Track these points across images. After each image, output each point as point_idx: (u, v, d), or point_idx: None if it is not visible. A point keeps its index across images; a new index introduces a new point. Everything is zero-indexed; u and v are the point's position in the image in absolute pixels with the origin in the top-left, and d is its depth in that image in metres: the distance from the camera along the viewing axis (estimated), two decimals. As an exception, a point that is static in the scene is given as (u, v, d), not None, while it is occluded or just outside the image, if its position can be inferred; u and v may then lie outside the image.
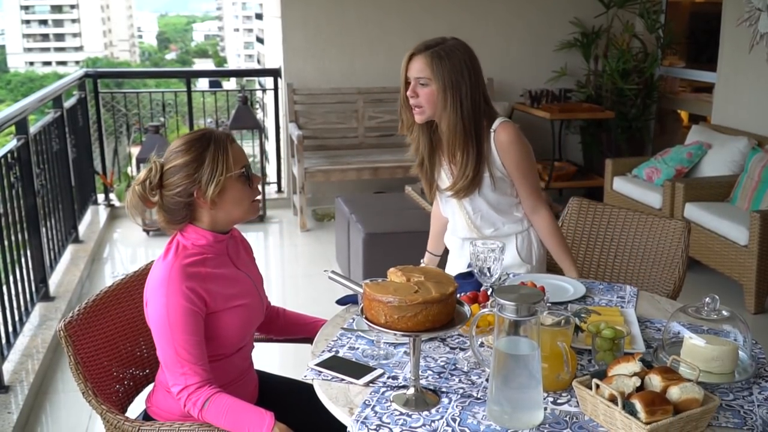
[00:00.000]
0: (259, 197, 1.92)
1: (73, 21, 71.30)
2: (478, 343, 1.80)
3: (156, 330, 1.73)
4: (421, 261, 2.63)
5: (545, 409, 1.52)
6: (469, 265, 1.99)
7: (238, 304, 1.82)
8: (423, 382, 1.64)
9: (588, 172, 6.27)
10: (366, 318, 1.51)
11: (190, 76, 6.47)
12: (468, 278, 2.14)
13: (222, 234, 1.82)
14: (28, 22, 70.24)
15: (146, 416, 1.90)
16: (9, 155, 3.50)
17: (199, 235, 1.79)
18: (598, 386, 1.46)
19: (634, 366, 1.53)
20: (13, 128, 3.68)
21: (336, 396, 1.61)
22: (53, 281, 4.13)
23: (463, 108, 2.14)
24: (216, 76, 25.41)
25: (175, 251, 1.76)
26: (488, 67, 6.43)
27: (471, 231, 2.37)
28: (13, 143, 3.62)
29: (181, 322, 1.70)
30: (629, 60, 6.08)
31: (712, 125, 5.32)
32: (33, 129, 3.94)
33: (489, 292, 1.96)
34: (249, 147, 7.00)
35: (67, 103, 5.03)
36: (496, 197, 2.30)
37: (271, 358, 3.36)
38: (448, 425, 1.48)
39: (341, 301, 2.11)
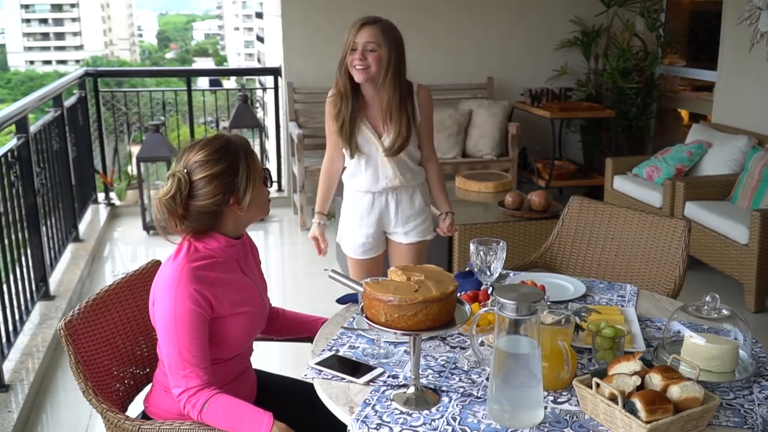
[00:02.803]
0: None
1: (73, 20, 71.24)
2: (479, 341, 1.80)
3: (161, 330, 1.73)
4: (313, 220, 2.85)
5: (545, 408, 1.52)
6: (470, 264, 1.99)
7: (243, 311, 1.82)
8: (423, 381, 1.64)
9: (588, 170, 6.27)
10: (366, 317, 1.51)
11: (190, 75, 6.46)
12: (468, 277, 2.14)
13: (235, 239, 1.83)
14: (28, 20, 70.17)
15: (144, 416, 1.90)
16: (9, 154, 3.50)
17: (212, 237, 1.79)
18: (598, 385, 1.46)
19: (635, 365, 1.53)
20: (13, 127, 3.67)
21: (336, 395, 1.61)
22: (53, 280, 4.13)
23: (401, 77, 2.54)
24: (216, 75, 25.46)
25: (186, 252, 1.76)
26: (488, 66, 6.53)
27: (395, 180, 2.64)
28: (13, 142, 3.62)
29: (187, 323, 1.70)
30: (629, 59, 6.08)
31: (713, 124, 5.32)
32: (33, 128, 3.94)
33: (489, 291, 1.96)
34: (249, 146, 6.99)
35: (68, 102, 5.03)
36: (412, 151, 2.64)
37: (271, 357, 3.36)
38: (448, 424, 1.48)
39: (341, 300, 2.12)
